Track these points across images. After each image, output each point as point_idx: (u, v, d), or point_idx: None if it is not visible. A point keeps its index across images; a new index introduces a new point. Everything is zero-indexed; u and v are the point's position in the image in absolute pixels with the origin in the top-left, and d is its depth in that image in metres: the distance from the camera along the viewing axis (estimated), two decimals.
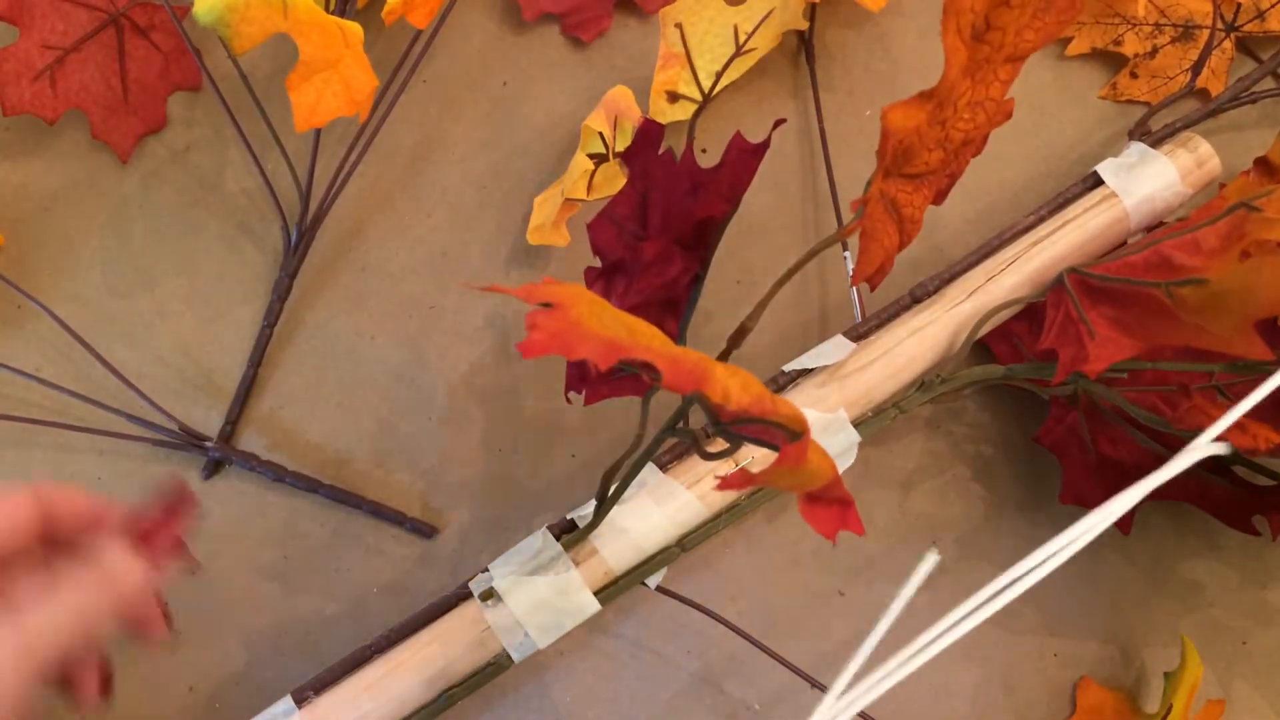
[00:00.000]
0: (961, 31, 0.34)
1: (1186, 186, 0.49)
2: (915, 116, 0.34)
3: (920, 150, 0.37)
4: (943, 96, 0.35)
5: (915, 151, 0.37)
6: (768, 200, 0.53)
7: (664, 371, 0.24)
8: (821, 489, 0.28)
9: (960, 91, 0.36)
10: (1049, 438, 0.48)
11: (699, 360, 0.25)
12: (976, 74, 0.36)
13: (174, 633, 0.41)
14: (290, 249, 0.49)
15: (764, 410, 0.27)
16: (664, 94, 0.50)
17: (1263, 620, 0.49)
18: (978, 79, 0.37)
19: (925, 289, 0.47)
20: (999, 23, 0.35)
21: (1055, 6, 0.36)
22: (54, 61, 0.49)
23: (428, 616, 0.40)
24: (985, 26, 0.35)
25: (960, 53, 0.34)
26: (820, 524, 0.29)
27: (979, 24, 0.35)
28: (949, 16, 0.33)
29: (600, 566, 0.40)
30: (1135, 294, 0.42)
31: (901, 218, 0.40)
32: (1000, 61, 0.37)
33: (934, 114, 0.36)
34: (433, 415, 0.49)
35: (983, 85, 0.37)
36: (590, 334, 0.24)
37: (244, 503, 0.48)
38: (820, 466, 0.28)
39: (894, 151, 0.35)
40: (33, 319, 0.50)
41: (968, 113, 0.38)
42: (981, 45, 0.35)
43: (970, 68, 0.36)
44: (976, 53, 0.35)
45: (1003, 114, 0.38)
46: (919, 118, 0.35)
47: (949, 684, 0.47)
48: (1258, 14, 0.56)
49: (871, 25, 0.56)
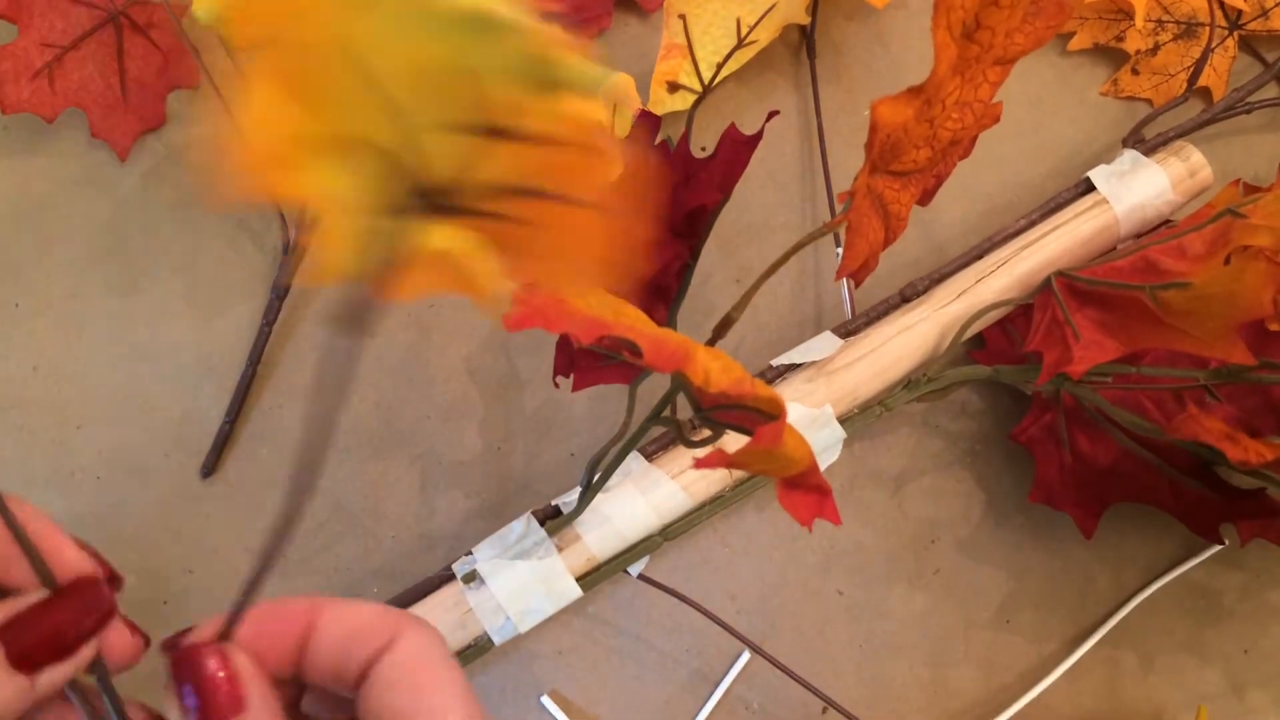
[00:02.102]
0: (951, 28, 0.35)
1: (1178, 195, 0.50)
2: (904, 112, 0.35)
3: (908, 147, 0.38)
4: (931, 93, 0.35)
5: (903, 148, 0.38)
6: (767, 199, 0.54)
7: (646, 351, 0.24)
8: (799, 475, 0.29)
9: (949, 90, 0.37)
10: (1024, 435, 0.48)
11: (682, 342, 0.26)
12: (966, 73, 0.37)
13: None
14: (289, 247, 0.50)
15: (743, 393, 0.27)
16: (664, 84, 0.51)
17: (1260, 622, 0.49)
18: (967, 79, 0.37)
19: (915, 289, 0.48)
20: (988, 22, 0.35)
21: (1044, 11, 0.37)
22: (53, 60, 0.50)
23: (410, 597, 0.41)
24: (975, 25, 0.35)
25: (950, 49, 0.34)
26: (797, 511, 0.29)
27: (969, 22, 0.35)
28: (939, 13, 0.33)
29: (583, 553, 0.41)
30: (1121, 297, 0.42)
31: (888, 214, 0.40)
32: (989, 63, 0.37)
33: (922, 110, 0.36)
34: (431, 410, 0.50)
35: (971, 86, 0.38)
36: (573, 311, 0.25)
37: (243, 501, 0.48)
38: (797, 452, 0.28)
39: (882, 145, 0.36)
40: (30, 317, 0.50)
41: (955, 112, 0.38)
42: (971, 44, 0.36)
43: (959, 66, 0.36)
44: (966, 51, 0.36)
45: (991, 117, 0.39)
46: (907, 113, 0.35)
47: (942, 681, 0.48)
48: (1261, 12, 0.56)
49: (874, 21, 0.57)
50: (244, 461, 0.49)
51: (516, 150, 0.18)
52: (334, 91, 0.17)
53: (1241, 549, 0.49)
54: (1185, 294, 0.40)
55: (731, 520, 0.48)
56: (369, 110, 0.17)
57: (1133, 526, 0.50)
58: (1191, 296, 0.40)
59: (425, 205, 0.18)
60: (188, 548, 0.47)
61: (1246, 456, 0.40)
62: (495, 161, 0.18)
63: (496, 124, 0.18)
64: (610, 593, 0.47)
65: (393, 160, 0.18)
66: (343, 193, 0.18)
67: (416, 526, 0.48)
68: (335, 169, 0.18)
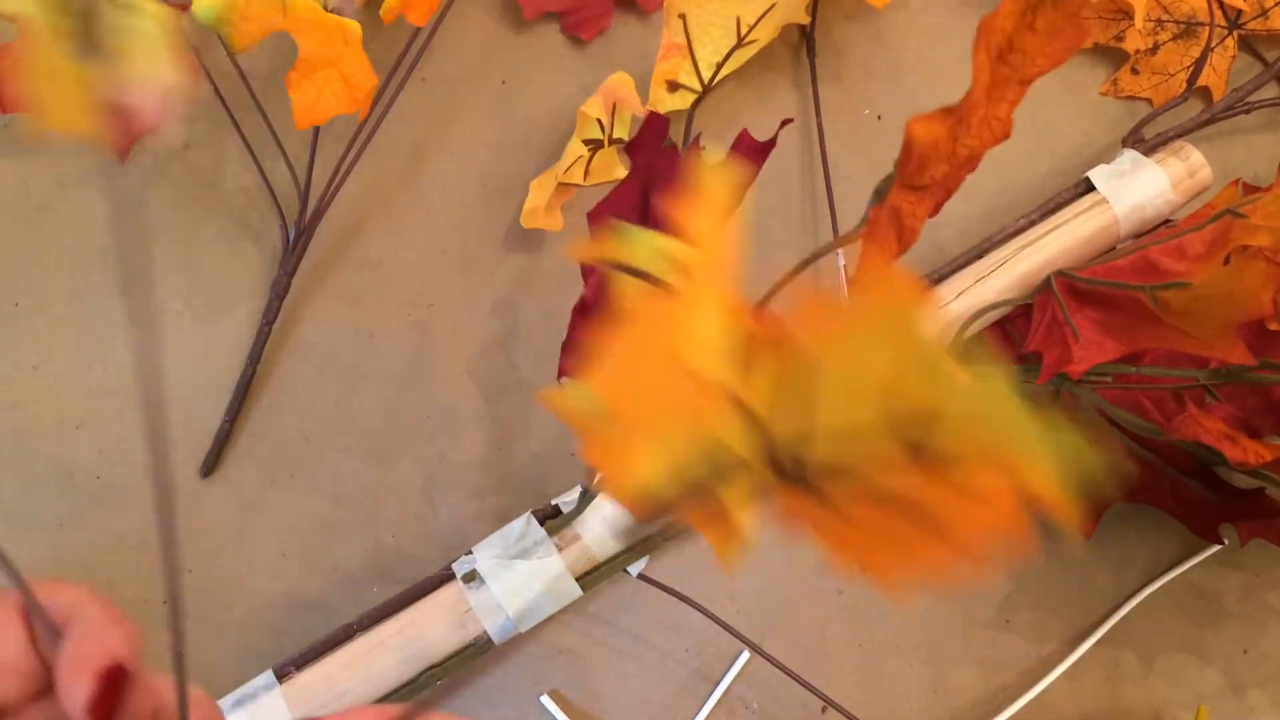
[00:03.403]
0: (990, 51, 0.35)
1: (1177, 195, 0.50)
2: (937, 130, 0.35)
3: (932, 164, 0.38)
4: (964, 113, 0.35)
5: (928, 165, 0.38)
6: (767, 199, 0.54)
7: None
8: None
9: (978, 110, 0.37)
10: None
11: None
12: (993, 93, 0.37)
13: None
14: (289, 247, 0.50)
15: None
16: (664, 84, 0.51)
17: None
18: (993, 98, 0.37)
19: None
20: (1021, 45, 0.35)
21: (1065, 34, 0.37)
22: None
23: (411, 596, 0.41)
24: (1009, 48, 0.36)
25: (986, 72, 0.35)
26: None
27: (1004, 45, 0.35)
28: (981, 35, 0.33)
29: (583, 552, 0.41)
30: (1120, 297, 0.42)
31: (902, 228, 0.40)
32: (1014, 83, 0.38)
33: (953, 129, 0.36)
34: (432, 410, 0.50)
35: (994, 105, 0.38)
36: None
37: (242, 501, 0.48)
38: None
39: (916, 163, 0.36)
40: (30, 317, 0.50)
41: (977, 130, 0.38)
42: (1003, 66, 0.36)
43: (991, 87, 0.36)
44: (998, 73, 0.36)
45: (1003, 133, 0.39)
46: (940, 131, 0.35)
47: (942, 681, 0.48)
48: (1261, 12, 0.55)
49: (874, 21, 0.57)
50: (244, 461, 0.49)
51: (916, 470, 0.19)
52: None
53: (1241, 549, 0.49)
54: (1185, 294, 0.40)
55: None
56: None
57: (1133, 526, 0.50)
58: (1191, 296, 0.40)
59: (773, 464, 0.20)
60: (187, 548, 0.47)
61: (1246, 457, 0.40)
62: (888, 469, 0.19)
63: (915, 441, 0.18)
64: (610, 592, 0.47)
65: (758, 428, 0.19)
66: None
67: (417, 526, 0.48)
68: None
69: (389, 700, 0.40)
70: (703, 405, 0.19)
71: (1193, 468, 0.45)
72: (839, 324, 0.18)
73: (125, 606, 0.24)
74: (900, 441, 0.18)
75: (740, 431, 0.19)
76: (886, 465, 0.18)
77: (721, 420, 0.19)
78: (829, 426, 0.19)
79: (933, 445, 0.18)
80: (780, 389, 0.19)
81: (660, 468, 0.20)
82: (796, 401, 0.19)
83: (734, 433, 0.19)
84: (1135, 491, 0.46)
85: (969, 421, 0.17)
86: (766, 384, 0.19)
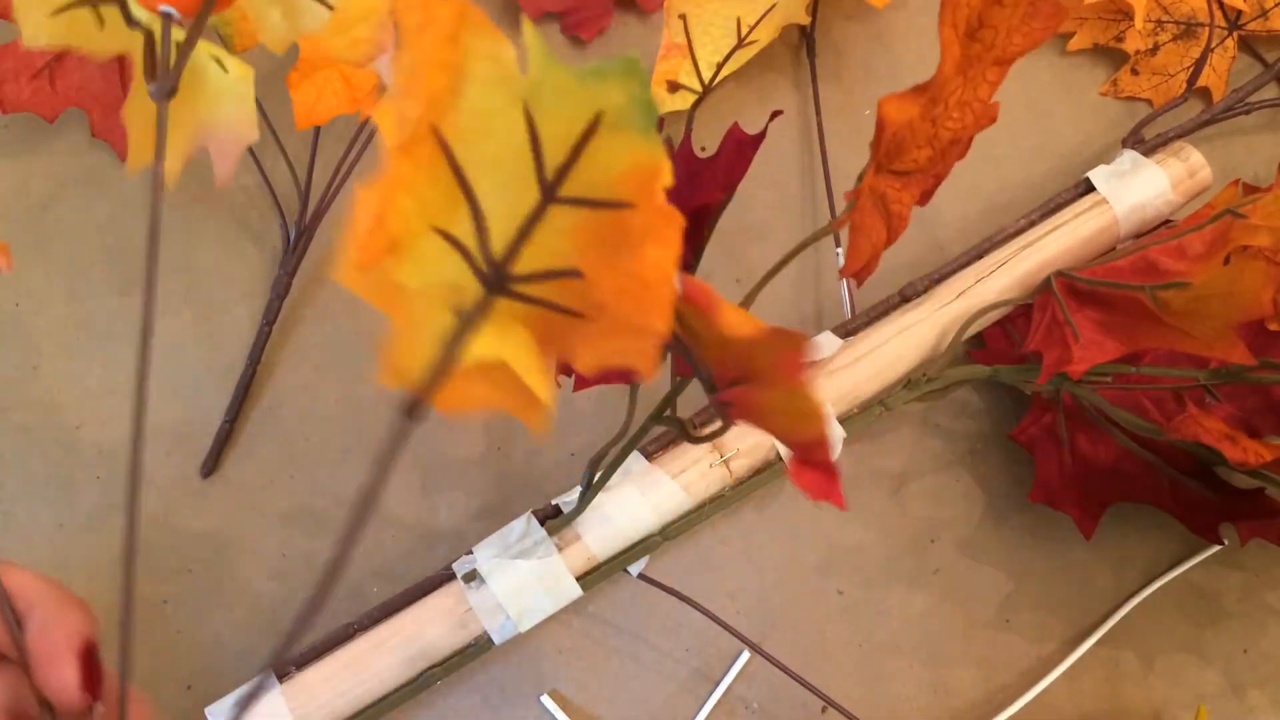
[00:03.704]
0: (957, 26, 0.35)
1: (1177, 195, 0.50)
2: (909, 110, 0.35)
3: (910, 146, 0.38)
4: (936, 92, 0.35)
5: (906, 147, 0.38)
6: (768, 199, 0.54)
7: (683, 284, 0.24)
8: (810, 446, 0.29)
9: (952, 89, 0.37)
10: (1024, 435, 0.48)
11: (710, 290, 0.26)
12: (968, 72, 0.37)
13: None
14: (289, 247, 0.50)
15: (765, 333, 0.27)
16: (664, 84, 0.51)
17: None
18: (969, 78, 0.37)
19: (915, 288, 0.48)
20: (991, 21, 0.35)
21: (1041, 13, 0.37)
22: (53, 59, 0.49)
23: (411, 596, 0.41)
24: (979, 24, 0.35)
25: (954, 47, 0.35)
26: (808, 487, 0.29)
27: (973, 20, 0.35)
28: (946, 10, 0.33)
29: (583, 552, 0.41)
30: (1120, 297, 0.42)
31: (890, 214, 0.40)
32: (989, 62, 0.38)
33: (927, 109, 0.36)
34: (431, 410, 0.50)
35: (972, 85, 0.38)
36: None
37: (242, 501, 0.48)
38: (812, 407, 0.28)
39: (888, 144, 0.36)
40: (30, 317, 0.50)
41: (956, 111, 0.38)
42: (974, 43, 0.36)
43: (962, 65, 0.36)
44: (969, 50, 0.36)
45: (988, 117, 0.39)
46: (913, 111, 0.35)
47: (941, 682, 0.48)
48: (1261, 12, 0.56)
49: (874, 21, 0.57)
50: (244, 461, 0.48)
51: (571, 222, 0.19)
52: (434, 183, 0.20)
53: (1241, 549, 0.49)
54: (1185, 294, 0.40)
55: (731, 520, 0.48)
56: (453, 201, 0.20)
57: (1133, 526, 0.50)
58: (1191, 296, 0.40)
59: (488, 294, 0.21)
60: (188, 548, 0.47)
61: (1246, 457, 0.40)
62: (551, 239, 0.20)
63: (553, 186, 0.19)
64: (610, 592, 0.47)
65: (465, 251, 0.20)
66: (422, 287, 0.21)
67: (417, 526, 0.48)
68: (418, 263, 0.20)
69: (389, 700, 0.40)
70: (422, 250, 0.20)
71: (1193, 468, 0.45)
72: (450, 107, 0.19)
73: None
74: (556, 200, 0.19)
75: (444, 256, 0.20)
76: (561, 253, 0.20)
77: (432, 253, 0.20)
78: (496, 214, 0.20)
79: (581, 187, 0.19)
80: (449, 196, 0.20)
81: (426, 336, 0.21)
82: (458, 200, 0.20)
83: (443, 261, 0.20)
84: (1135, 491, 0.46)
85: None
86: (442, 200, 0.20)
